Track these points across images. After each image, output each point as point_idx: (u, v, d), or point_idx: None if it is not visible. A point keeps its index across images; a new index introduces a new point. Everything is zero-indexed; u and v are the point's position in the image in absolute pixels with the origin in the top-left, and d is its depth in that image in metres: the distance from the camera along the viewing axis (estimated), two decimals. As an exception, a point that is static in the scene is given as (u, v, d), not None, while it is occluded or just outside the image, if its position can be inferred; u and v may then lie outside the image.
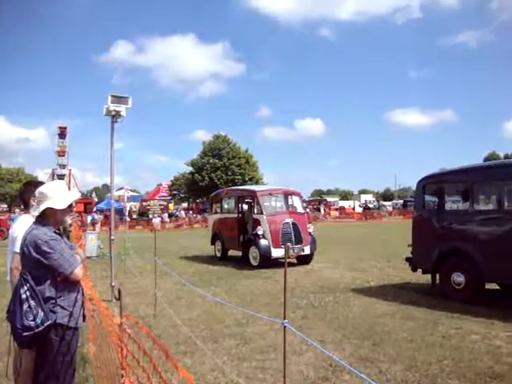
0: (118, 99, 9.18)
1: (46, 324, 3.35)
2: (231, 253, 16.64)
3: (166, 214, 50.46)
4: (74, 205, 4.27)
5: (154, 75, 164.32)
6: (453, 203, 9.52)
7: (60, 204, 3.58)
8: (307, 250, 14.46)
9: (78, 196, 4.08)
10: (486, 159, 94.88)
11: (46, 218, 3.57)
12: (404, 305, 8.53)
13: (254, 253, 14.28)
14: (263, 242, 14.01)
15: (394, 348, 6.08)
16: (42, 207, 3.54)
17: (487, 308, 7.99)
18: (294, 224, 14.29)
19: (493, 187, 8.40)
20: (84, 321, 3.83)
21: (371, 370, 5.25)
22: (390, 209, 65.29)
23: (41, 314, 3.34)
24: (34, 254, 3.39)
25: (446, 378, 5.03)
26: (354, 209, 63.48)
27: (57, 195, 3.60)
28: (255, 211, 14.94)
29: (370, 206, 68.70)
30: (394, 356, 5.78)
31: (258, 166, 62.62)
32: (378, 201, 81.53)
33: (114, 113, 9.18)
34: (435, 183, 9.52)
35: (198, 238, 25.75)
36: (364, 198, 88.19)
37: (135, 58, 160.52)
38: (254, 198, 15.09)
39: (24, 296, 3.35)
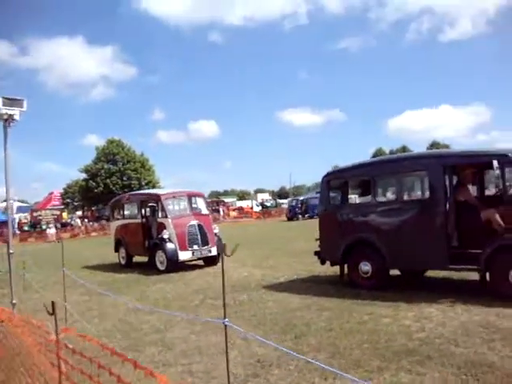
0: (11, 101, 8.50)
1: None
2: (136, 259, 16.21)
3: (59, 224, 47.99)
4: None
5: (40, 78, 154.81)
6: (356, 196, 10.00)
7: None
8: (214, 251, 14.44)
9: None
10: (373, 155, 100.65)
11: None
12: (317, 297, 8.79)
13: (160, 257, 14.00)
14: (170, 245, 13.79)
15: (315, 338, 6.26)
16: None
17: (393, 293, 8.48)
18: (199, 226, 14.22)
19: (391, 179, 8.95)
20: None
21: (298, 362, 5.34)
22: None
23: None
24: None
25: (368, 360, 5.26)
26: (252, 208, 64.34)
27: None
28: (159, 215, 14.66)
29: (268, 204, 70.15)
30: (316, 346, 5.95)
31: (154, 170, 61.70)
32: (274, 199, 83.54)
33: (6, 116, 8.49)
34: (338, 178, 9.97)
35: (98, 246, 24.83)
36: (261, 196, 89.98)
37: (19, 60, 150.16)
38: (157, 202, 14.81)
39: None
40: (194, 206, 14.93)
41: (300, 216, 44.29)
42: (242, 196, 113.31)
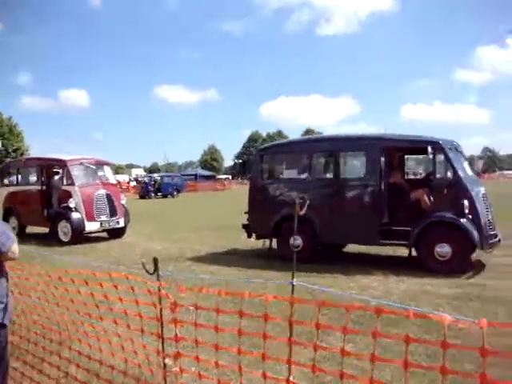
0: None
1: None
2: (30, 229, 15.00)
3: None
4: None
5: None
6: (289, 172, 10.21)
7: None
8: (121, 223, 13.89)
9: None
10: (249, 138, 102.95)
11: None
12: (252, 269, 8.88)
13: (64, 227, 13.07)
14: (76, 215, 12.95)
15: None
16: None
17: (324, 266, 8.86)
18: (108, 195, 13.57)
19: (330, 157, 9.27)
20: None
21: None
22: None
23: None
24: None
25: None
26: (129, 183, 62.53)
27: None
28: (64, 182, 13.68)
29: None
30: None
31: (23, 137, 56.99)
32: (149, 175, 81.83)
33: None
34: (274, 153, 10.09)
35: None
36: (135, 172, 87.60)
37: None
38: (63, 168, 13.79)
39: None
40: (101, 174, 14.14)
41: (153, 194, 42.81)
42: (116, 170, 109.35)
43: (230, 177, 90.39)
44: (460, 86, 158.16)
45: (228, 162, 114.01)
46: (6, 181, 16.01)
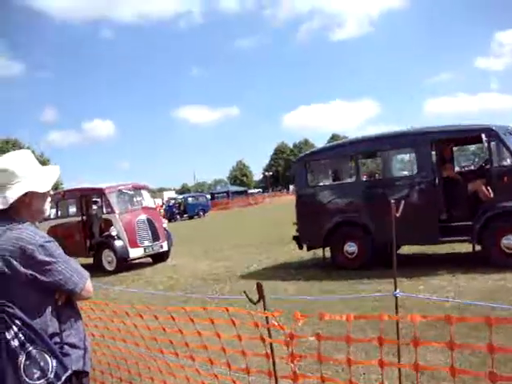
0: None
1: (64, 376, 2.06)
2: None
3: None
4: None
5: None
6: (337, 177, 9.87)
7: (41, 185, 2.24)
8: (165, 247, 13.75)
9: (57, 172, 2.40)
10: (276, 150, 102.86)
11: (19, 211, 2.20)
12: (310, 281, 8.56)
13: (108, 257, 12.98)
14: (118, 243, 12.83)
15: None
16: (16, 193, 2.15)
17: (383, 270, 8.42)
18: (149, 220, 13.43)
19: (376, 158, 8.91)
20: None
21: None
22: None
23: (53, 362, 2.05)
24: (23, 268, 2.05)
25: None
26: (162, 206, 62.93)
27: (31, 172, 2.24)
28: (104, 211, 13.64)
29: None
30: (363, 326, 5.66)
31: (55, 172, 57.85)
32: (173, 198, 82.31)
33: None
34: (316, 159, 9.78)
35: None
36: (167, 195, 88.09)
37: None
38: (101, 196, 13.76)
39: (15, 344, 2.00)
40: (139, 199, 14.06)
41: (178, 217, 42.51)
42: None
43: (261, 190, 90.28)
44: (481, 74, 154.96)
45: (257, 175, 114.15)
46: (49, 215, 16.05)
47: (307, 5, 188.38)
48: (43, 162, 55.76)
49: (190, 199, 44.84)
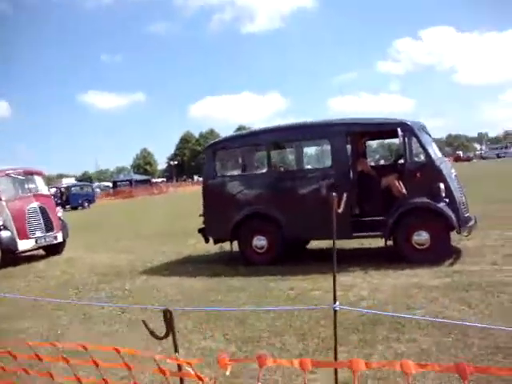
0: None
1: None
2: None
3: None
4: None
5: None
6: (247, 167, 9.36)
7: None
8: (60, 238, 12.54)
9: None
10: (181, 138, 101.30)
11: None
12: (217, 277, 7.98)
13: (-7, 249, 11.61)
14: (5, 233, 11.45)
15: (263, 324, 5.47)
16: None
17: (294, 266, 8.12)
18: (42, 209, 12.15)
19: (290, 148, 8.52)
20: None
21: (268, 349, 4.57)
22: (98, 190, 63.95)
23: None
24: None
25: (347, 336, 4.71)
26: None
27: None
28: (-11, 198, 12.17)
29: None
30: (280, 330, 5.19)
31: None
32: (55, 187, 78.68)
33: None
34: (227, 148, 9.20)
35: None
36: (66, 181, 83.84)
37: None
38: (-14, 182, 12.27)
39: None
40: (31, 185, 12.71)
41: (60, 207, 40.14)
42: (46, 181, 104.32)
43: (165, 179, 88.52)
44: (383, 77, 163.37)
45: (162, 164, 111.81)
46: None
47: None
48: None
49: (73, 189, 41.96)
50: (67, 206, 38.81)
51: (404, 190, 7.84)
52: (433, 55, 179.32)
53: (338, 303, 2.55)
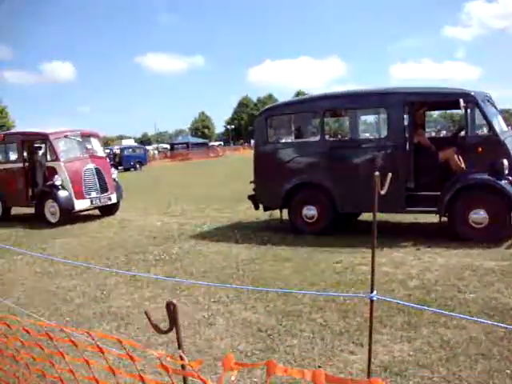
0: None
1: None
2: (16, 210, 13.91)
3: None
4: None
5: None
6: (300, 135, 9.14)
7: None
8: (114, 199, 12.83)
9: None
10: (239, 103, 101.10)
11: None
12: (263, 246, 7.94)
13: (51, 207, 11.97)
14: (63, 193, 11.85)
15: (303, 296, 5.37)
16: None
17: (344, 238, 7.94)
18: (97, 170, 12.43)
19: (344, 116, 8.21)
20: None
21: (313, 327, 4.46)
22: (156, 152, 65.25)
23: None
24: None
25: (390, 317, 4.54)
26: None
27: None
28: (48, 158, 12.56)
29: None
30: (319, 303, 5.08)
31: (7, 112, 55.07)
32: (109, 148, 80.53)
33: None
34: (280, 114, 9.00)
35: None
36: (125, 143, 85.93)
37: None
38: (45, 142, 12.64)
39: None
40: (89, 147, 12.99)
41: (114, 169, 40.62)
42: (106, 142, 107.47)
43: (222, 143, 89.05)
44: (449, 42, 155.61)
45: (219, 128, 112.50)
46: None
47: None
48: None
49: (126, 151, 42.83)
50: (120, 168, 39.72)
51: (463, 165, 7.43)
52: (507, 18, 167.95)
53: (375, 292, 2.37)
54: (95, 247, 8.95)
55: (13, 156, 13.64)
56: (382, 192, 2.38)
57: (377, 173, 2.34)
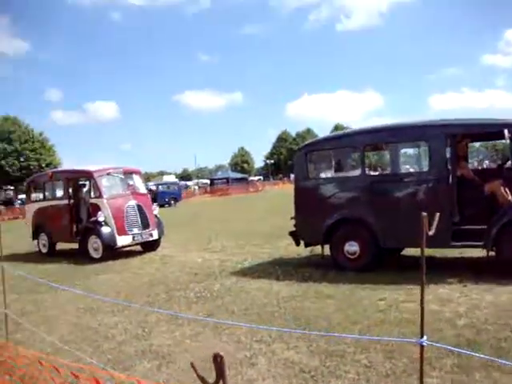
0: None
1: None
2: (61, 246, 14.25)
3: None
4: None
5: None
6: (340, 170, 9.10)
7: None
8: (155, 235, 13.01)
9: None
10: (279, 138, 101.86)
11: None
12: (305, 282, 7.82)
13: (94, 243, 12.23)
14: (106, 229, 12.10)
15: (351, 332, 5.23)
16: None
17: (386, 274, 7.74)
18: (139, 206, 12.69)
19: (385, 150, 8.13)
20: None
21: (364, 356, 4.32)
22: (196, 188, 66.06)
23: None
24: None
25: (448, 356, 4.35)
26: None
27: None
28: (92, 195, 12.90)
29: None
30: (363, 343, 4.93)
31: (55, 151, 57.20)
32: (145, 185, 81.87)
33: None
34: (319, 150, 9.00)
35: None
36: (166, 178, 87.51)
37: None
38: (89, 180, 13.04)
39: None
40: (131, 184, 13.29)
41: (156, 205, 41.18)
42: (147, 178, 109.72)
43: (262, 178, 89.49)
44: (489, 71, 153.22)
45: (258, 162, 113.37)
46: (33, 196, 15.41)
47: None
48: (42, 141, 55.14)
49: (161, 187, 43.66)
50: (154, 204, 40.25)
51: (510, 197, 7.19)
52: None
53: (425, 338, 2.26)
54: (137, 283, 9.03)
55: (59, 193, 14.12)
56: (430, 233, 2.30)
57: (424, 213, 2.26)
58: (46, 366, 2.19)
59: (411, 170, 8.63)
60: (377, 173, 8.67)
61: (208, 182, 78.69)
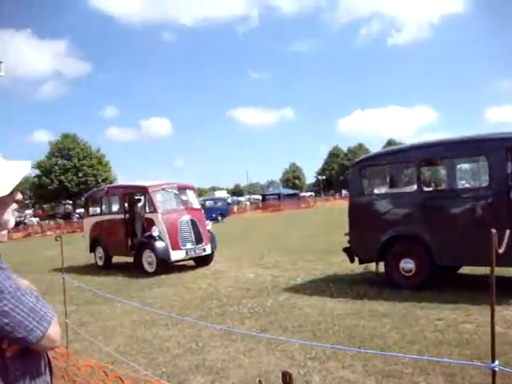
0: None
1: None
2: (116, 259, 14.61)
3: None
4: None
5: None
6: (395, 185, 8.93)
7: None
8: (208, 250, 13.12)
9: (26, 169, 1.60)
10: (330, 153, 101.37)
11: None
12: (359, 300, 7.68)
13: (149, 257, 12.47)
14: (160, 244, 12.32)
15: (408, 352, 5.08)
16: None
17: (443, 293, 7.51)
18: (192, 222, 12.84)
19: (441, 166, 7.93)
20: None
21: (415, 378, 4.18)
22: (248, 203, 66.41)
23: None
24: None
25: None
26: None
27: None
28: (147, 210, 13.20)
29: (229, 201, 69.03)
30: (421, 364, 4.78)
31: (110, 167, 59.21)
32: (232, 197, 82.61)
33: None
34: (374, 165, 8.87)
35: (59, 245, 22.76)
36: (218, 194, 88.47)
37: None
38: (144, 195, 13.35)
39: None
40: (185, 199, 13.51)
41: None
42: (200, 193, 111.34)
43: (313, 194, 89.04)
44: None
45: (310, 178, 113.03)
46: (90, 210, 15.92)
47: (366, 8, 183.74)
48: (99, 157, 57.12)
49: (208, 203, 44.00)
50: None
51: None
52: None
53: (497, 362, 2.13)
54: (190, 298, 9.12)
55: (115, 207, 14.52)
56: (500, 251, 2.20)
57: (494, 230, 2.16)
58: (111, 375, 2.26)
59: (468, 185, 8.35)
60: (433, 188, 8.40)
61: (260, 197, 79.05)
